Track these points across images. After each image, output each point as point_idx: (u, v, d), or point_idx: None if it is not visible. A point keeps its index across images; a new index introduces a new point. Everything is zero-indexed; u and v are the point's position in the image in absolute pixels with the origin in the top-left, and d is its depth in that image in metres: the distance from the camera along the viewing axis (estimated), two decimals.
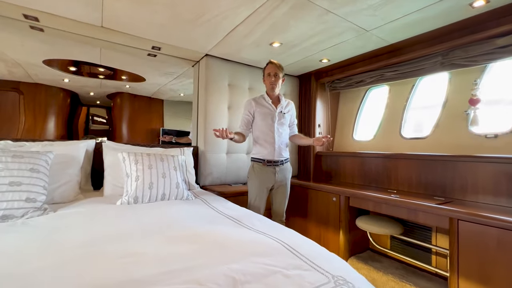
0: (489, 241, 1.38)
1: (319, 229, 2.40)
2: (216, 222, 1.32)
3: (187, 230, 1.16)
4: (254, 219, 1.39)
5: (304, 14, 1.77)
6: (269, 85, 1.98)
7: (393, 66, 2.41)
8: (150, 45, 2.37)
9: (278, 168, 1.99)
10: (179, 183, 1.83)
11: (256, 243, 1.02)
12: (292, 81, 3.21)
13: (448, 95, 2.21)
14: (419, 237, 2.06)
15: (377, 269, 1.98)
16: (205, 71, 2.59)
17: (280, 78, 1.97)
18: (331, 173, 2.95)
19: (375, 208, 1.96)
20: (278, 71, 1.95)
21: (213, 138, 2.58)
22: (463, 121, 2.09)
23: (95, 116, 5.75)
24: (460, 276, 1.48)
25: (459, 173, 1.91)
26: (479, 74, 2.03)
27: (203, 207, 1.63)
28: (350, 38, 2.11)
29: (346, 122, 3.10)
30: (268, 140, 1.99)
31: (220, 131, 1.65)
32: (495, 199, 1.73)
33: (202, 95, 2.63)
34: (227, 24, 1.95)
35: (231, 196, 2.25)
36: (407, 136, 2.47)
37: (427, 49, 2.10)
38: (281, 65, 1.98)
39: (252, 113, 2.00)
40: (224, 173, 2.64)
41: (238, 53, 2.51)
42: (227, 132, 1.67)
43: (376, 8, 1.68)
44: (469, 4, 1.61)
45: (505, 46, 1.74)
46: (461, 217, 1.48)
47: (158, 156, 1.90)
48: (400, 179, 2.27)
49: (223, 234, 1.11)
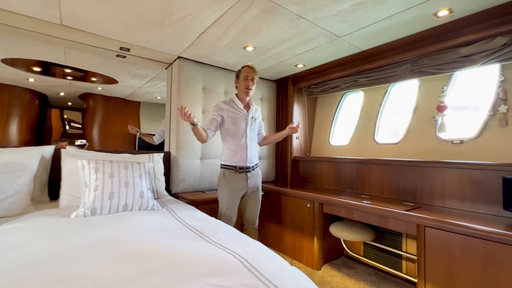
0: (454, 247, 1.40)
1: (294, 236, 2.36)
2: (177, 236, 1.24)
3: (141, 246, 1.07)
4: (219, 231, 1.32)
5: (275, 18, 1.74)
6: (245, 89, 1.92)
7: (366, 72, 2.43)
8: (117, 46, 2.25)
9: (249, 174, 1.94)
10: (143, 192, 1.73)
11: (213, 260, 0.95)
12: (270, 85, 3.18)
13: (418, 102, 2.26)
14: (390, 242, 2.07)
15: (350, 276, 1.97)
16: (178, 74, 2.50)
17: (255, 83, 1.93)
18: (307, 178, 2.93)
19: (348, 215, 1.94)
20: (255, 75, 1.92)
21: (186, 143, 2.48)
22: (432, 127, 2.14)
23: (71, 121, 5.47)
24: (427, 282, 1.49)
25: (427, 179, 1.94)
26: (446, 82, 2.09)
27: (167, 218, 1.53)
28: (323, 43, 2.11)
29: (323, 127, 3.11)
30: (241, 146, 1.93)
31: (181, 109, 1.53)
32: (461, 204, 1.77)
33: (174, 99, 2.53)
34: (197, 26, 1.88)
35: (203, 204, 2.16)
36: (380, 142, 2.50)
37: (398, 56, 2.14)
38: (256, 70, 1.95)
39: (223, 116, 1.93)
40: (197, 180, 2.55)
41: (212, 56, 2.44)
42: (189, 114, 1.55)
43: (345, 15, 1.68)
44: (434, 14, 1.65)
45: (468, 56, 1.79)
46: (428, 224, 1.49)
47: (122, 163, 1.78)
48: (373, 184, 2.29)
49: (180, 251, 1.04)
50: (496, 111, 1.80)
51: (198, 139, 1.81)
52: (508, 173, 1.57)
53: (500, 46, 1.65)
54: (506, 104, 1.75)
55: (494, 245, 1.26)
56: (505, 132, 1.75)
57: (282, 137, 2.08)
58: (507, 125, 1.74)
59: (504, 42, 1.63)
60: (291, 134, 2.04)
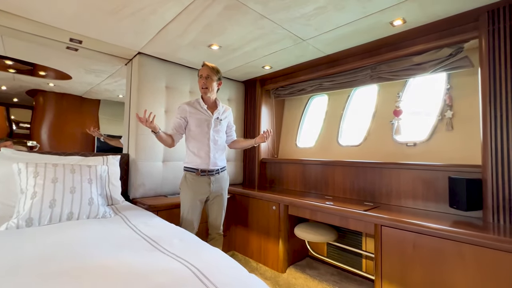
0: (406, 244, 1.46)
1: (259, 239, 2.33)
2: (127, 246, 1.13)
3: (81, 261, 0.95)
4: (175, 239, 1.23)
5: (239, 17, 1.70)
6: (200, 89, 1.84)
7: (330, 77, 2.50)
8: (67, 37, 2.04)
9: (213, 178, 1.86)
10: (93, 198, 1.56)
11: (162, 273, 0.87)
12: (238, 86, 3.14)
13: (377, 106, 2.38)
14: (352, 242, 2.14)
15: (313, 277, 1.98)
16: (138, 71, 2.34)
17: (214, 81, 1.83)
18: (274, 180, 2.93)
19: (312, 216, 1.96)
20: (211, 73, 1.81)
21: (146, 145, 2.33)
22: (389, 131, 2.25)
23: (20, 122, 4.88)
24: (383, 278, 1.54)
25: (385, 179, 2.04)
26: (401, 88, 2.22)
27: (119, 227, 1.40)
28: (289, 46, 2.12)
29: (290, 129, 3.14)
30: (203, 148, 1.85)
31: (143, 117, 1.52)
32: (414, 203, 1.88)
33: (134, 97, 2.37)
34: (157, 20, 1.77)
35: (164, 210, 2.04)
36: (343, 144, 2.58)
37: (359, 62, 2.22)
38: (215, 67, 1.84)
39: (185, 118, 1.84)
40: (159, 184, 2.40)
41: (175, 54, 2.33)
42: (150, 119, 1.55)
43: (309, 18, 1.70)
44: (390, 23, 1.74)
45: (420, 64, 1.92)
46: (384, 223, 1.55)
47: (68, 167, 1.60)
48: (337, 185, 2.35)
49: (126, 264, 0.93)
50: (443, 116, 1.94)
51: (165, 145, 1.84)
52: (453, 173, 1.70)
53: (446, 56, 1.79)
54: (452, 109, 1.90)
55: (441, 241, 1.34)
56: (451, 135, 1.90)
57: (251, 145, 2.01)
58: (453, 129, 1.89)
59: (449, 52, 1.77)
60: (255, 144, 1.97)
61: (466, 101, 1.85)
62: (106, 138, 3.26)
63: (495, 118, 1.49)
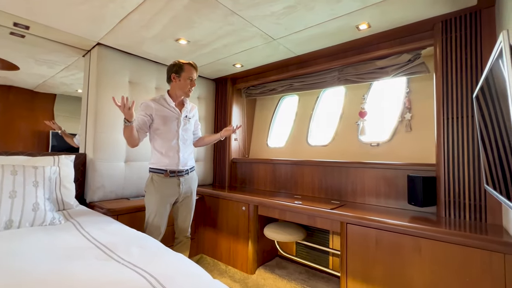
0: (369, 241, 1.52)
1: (229, 241, 2.28)
2: (76, 257, 1.01)
3: (19, 276, 0.82)
4: (134, 246, 1.14)
5: (208, 11, 1.63)
6: (188, 91, 1.77)
7: (300, 77, 2.53)
8: (10, 21, 1.80)
9: (183, 178, 1.77)
10: (38, 203, 1.39)
11: (114, 285, 0.79)
12: (208, 84, 3.05)
13: (344, 107, 2.46)
14: (319, 240, 2.18)
15: (282, 277, 1.98)
16: (97, 63, 2.15)
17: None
18: (245, 180, 2.90)
19: (281, 216, 1.96)
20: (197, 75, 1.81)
21: (106, 144, 2.15)
22: (355, 131, 2.34)
23: None
24: (348, 275, 1.59)
25: (351, 178, 2.11)
26: (366, 90, 2.32)
27: (69, 234, 1.26)
28: (259, 44, 2.10)
29: (262, 128, 3.13)
30: (172, 148, 1.75)
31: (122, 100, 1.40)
32: (377, 200, 1.97)
33: (93, 91, 2.17)
34: (117, 9, 1.63)
35: (126, 213, 1.90)
36: (312, 144, 2.63)
37: (327, 63, 2.28)
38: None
39: (151, 115, 1.73)
40: (121, 186, 2.23)
41: (140, 47, 2.18)
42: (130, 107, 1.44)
43: (279, 17, 1.69)
44: (356, 26, 1.79)
45: (382, 68, 2.02)
46: (349, 220, 1.59)
47: (8, 168, 1.40)
48: (306, 185, 2.38)
49: (72, 277, 0.83)
50: (403, 118, 2.06)
51: (129, 142, 1.63)
52: (412, 171, 1.81)
53: (405, 61, 1.90)
54: (411, 112, 2.03)
55: (400, 236, 1.41)
56: (410, 136, 2.02)
57: (217, 140, 1.97)
58: (411, 130, 2.02)
59: (408, 58, 1.88)
60: (227, 136, 1.95)
61: (423, 104, 1.98)
62: (64, 134, 2.97)
63: (447, 120, 1.61)
